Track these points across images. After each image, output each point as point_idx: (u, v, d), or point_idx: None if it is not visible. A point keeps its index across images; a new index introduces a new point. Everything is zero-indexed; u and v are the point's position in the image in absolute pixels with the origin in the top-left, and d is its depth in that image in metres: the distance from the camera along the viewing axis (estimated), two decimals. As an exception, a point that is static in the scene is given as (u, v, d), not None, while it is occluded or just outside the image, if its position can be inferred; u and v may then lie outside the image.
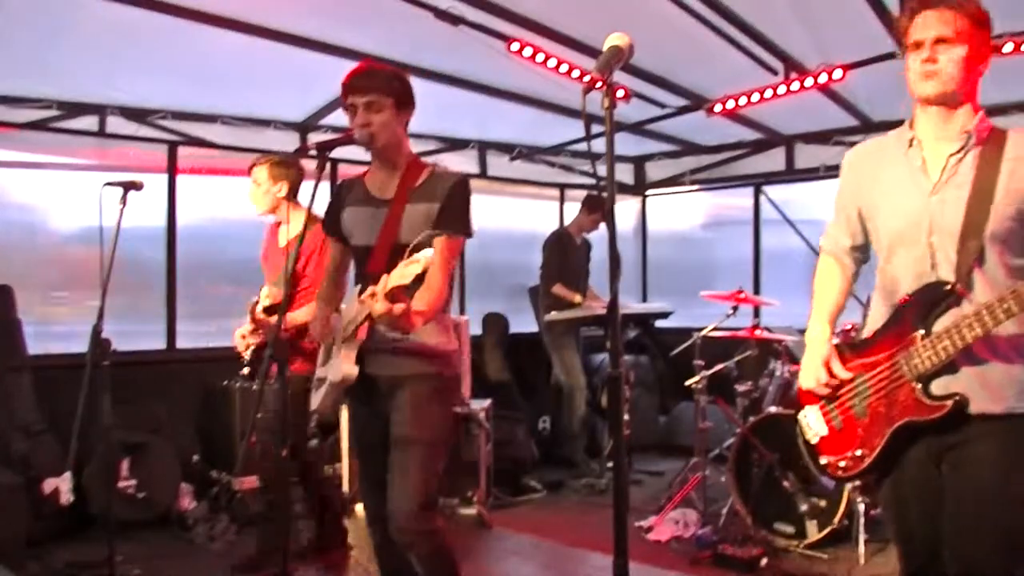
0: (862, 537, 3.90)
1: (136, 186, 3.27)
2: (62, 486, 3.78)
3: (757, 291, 6.79)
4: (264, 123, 5.72)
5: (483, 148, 6.88)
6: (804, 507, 4.00)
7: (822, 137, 6.49)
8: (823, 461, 2.19)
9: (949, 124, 2.00)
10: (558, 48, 4.58)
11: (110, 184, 3.24)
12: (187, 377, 3.76)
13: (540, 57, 4.55)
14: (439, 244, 2.49)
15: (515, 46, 4.40)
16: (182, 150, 5.34)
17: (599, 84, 1.81)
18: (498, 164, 7.00)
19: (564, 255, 5.96)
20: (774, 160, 7.01)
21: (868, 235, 2.22)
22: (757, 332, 4.85)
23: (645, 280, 8.04)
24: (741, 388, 4.89)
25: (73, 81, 4.83)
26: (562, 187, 7.44)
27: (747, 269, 7.09)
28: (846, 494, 3.93)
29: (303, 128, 5.92)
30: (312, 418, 4.97)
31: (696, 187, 7.69)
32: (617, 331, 1.85)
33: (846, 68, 4.69)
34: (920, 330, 1.98)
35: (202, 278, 5.28)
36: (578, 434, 5.86)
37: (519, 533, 4.63)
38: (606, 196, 1.84)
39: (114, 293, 3.18)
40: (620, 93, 5.11)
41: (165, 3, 3.89)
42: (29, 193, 4.98)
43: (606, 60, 1.85)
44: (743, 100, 5.31)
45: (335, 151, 2.53)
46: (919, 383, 1.97)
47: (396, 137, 2.58)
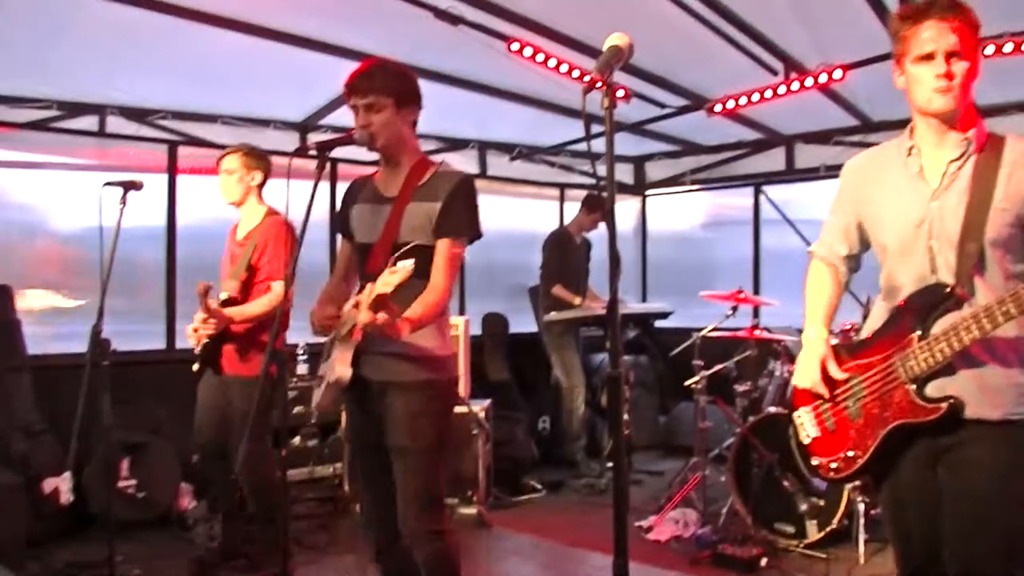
0: (862, 537, 3.90)
1: (136, 186, 3.26)
2: (62, 486, 3.79)
3: (757, 291, 6.79)
4: (264, 123, 5.72)
5: (483, 148, 6.89)
6: (804, 507, 4.00)
7: (822, 137, 6.49)
8: (815, 462, 2.20)
9: (949, 132, 2.00)
10: (558, 48, 4.59)
11: (110, 184, 3.24)
12: (187, 377, 3.74)
13: (540, 57, 4.55)
14: (441, 246, 2.47)
15: (515, 46, 4.40)
16: (182, 150, 5.35)
17: (599, 84, 1.81)
18: (498, 164, 7.01)
19: (564, 255, 5.96)
20: (774, 160, 7.01)
21: (865, 244, 2.22)
22: (757, 332, 4.86)
23: (645, 280, 8.05)
24: (741, 388, 4.90)
25: (73, 81, 4.84)
26: (562, 187, 7.44)
27: (747, 269, 7.09)
28: (846, 494, 3.93)
29: (303, 128, 5.92)
30: (314, 416, 5.00)
31: (696, 187, 7.70)
32: (617, 331, 1.84)
33: (846, 68, 4.68)
34: (917, 332, 1.97)
35: (202, 278, 5.29)
36: (578, 434, 5.86)
37: (519, 533, 4.63)
38: (606, 196, 1.83)
39: (114, 293, 3.18)
40: (620, 93, 5.11)
41: (165, 3, 3.89)
42: (29, 193, 4.98)
43: (606, 60, 1.84)
44: (743, 100, 5.31)
45: (335, 151, 2.53)
46: (914, 385, 1.97)
47: (398, 136, 2.55)
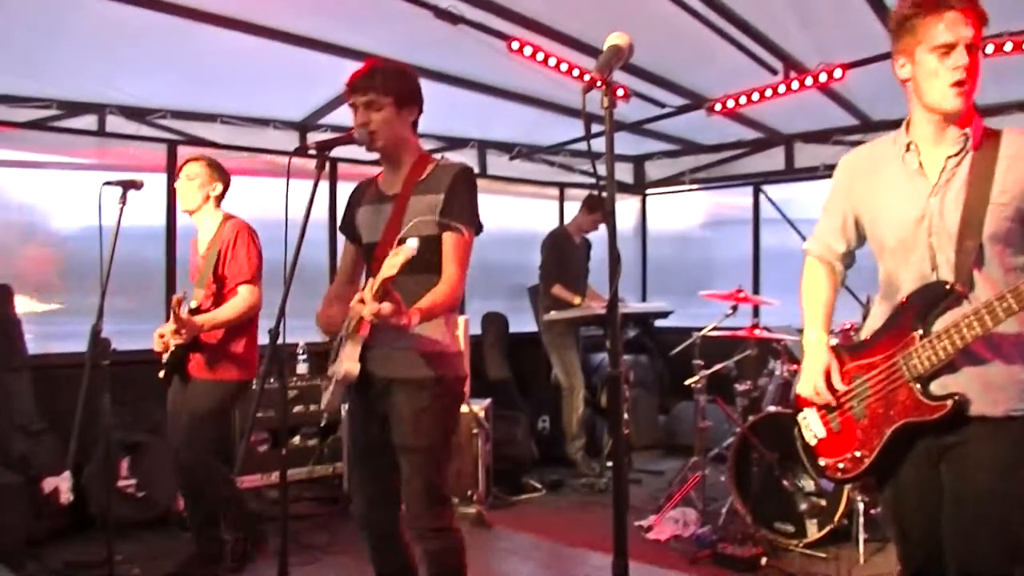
0: (862, 536, 3.90)
1: (136, 185, 3.25)
2: (62, 486, 3.79)
3: (756, 290, 6.80)
4: (264, 123, 5.72)
5: (483, 147, 6.88)
6: (804, 506, 4.01)
7: (822, 136, 6.49)
8: (822, 463, 2.19)
9: (949, 127, 1.99)
10: (558, 48, 4.58)
11: (110, 183, 3.23)
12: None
13: (540, 57, 4.55)
14: (448, 240, 2.48)
15: (515, 46, 4.40)
16: (182, 150, 5.35)
17: (599, 83, 1.81)
18: (498, 163, 7.00)
19: (563, 254, 5.96)
20: (774, 159, 7.01)
21: (862, 239, 2.22)
22: (756, 331, 4.86)
23: (645, 280, 8.05)
24: (741, 387, 4.89)
25: (73, 80, 4.83)
26: (562, 186, 7.44)
27: (746, 268, 7.09)
28: (846, 493, 3.93)
29: (303, 128, 5.92)
30: (324, 418, 5.00)
31: (696, 186, 7.69)
32: (616, 331, 1.84)
33: (846, 67, 4.69)
34: (919, 330, 1.97)
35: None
36: (578, 434, 5.86)
37: (519, 532, 4.63)
38: (606, 196, 1.84)
39: (114, 293, 3.18)
40: (620, 92, 5.11)
41: (165, 3, 3.89)
42: (29, 193, 4.98)
43: (606, 59, 1.85)
44: (743, 99, 5.31)
45: (335, 151, 2.53)
46: (918, 383, 1.97)
47: (398, 135, 2.56)
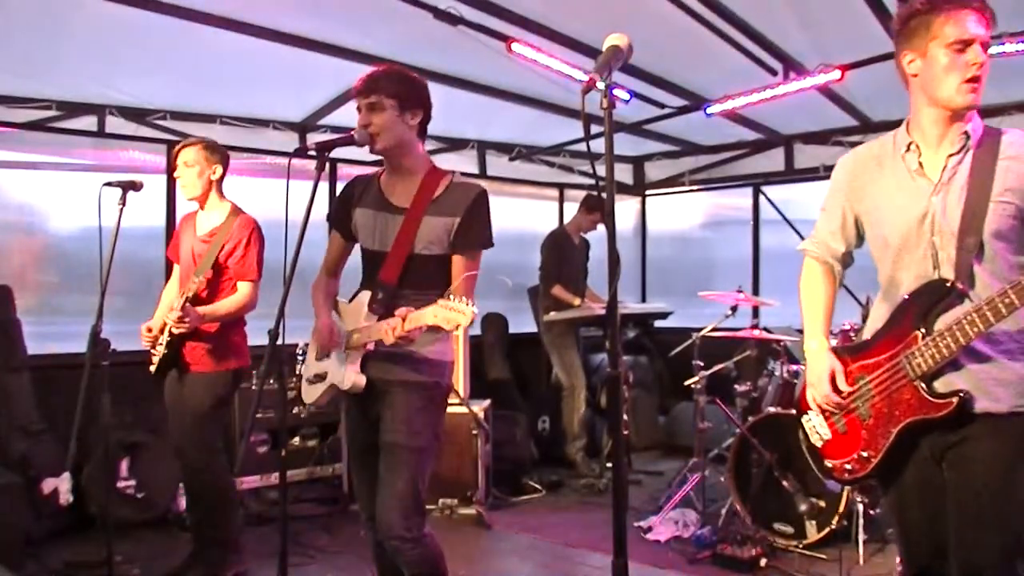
0: (861, 537, 3.90)
1: (135, 186, 3.26)
2: (61, 486, 3.78)
3: (756, 291, 6.80)
4: (264, 123, 5.72)
5: (482, 148, 6.89)
6: (803, 507, 4.00)
7: (821, 137, 6.50)
8: (828, 464, 2.19)
9: (953, 125, 1.99)
10: (558, 48, 4.58)
11: (109, 184, 3.23)
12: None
13: (540, 57, 4.55)
14: (459, 262, 2.53)
15: (515, 46, 4.40)
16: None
17: (598, 84, 1.81)
18: (497, 164, 7.01)
19: (562, 255, 5.96)
20: (773, 160, 7.02)
21: (860, 239, 2.22)
22: (756, 332, 4.86)
23: (644, 280, 8.05)
24: (740, 388, 4.90)
25: (72, 81, 4.83)
26: (561, 187, 7.44)
27: (746, 269, 7.09)
28: (845, 494, 3.93)
29: (302, 128, 5.92)
30: (304, 411, 4.97)
31: (695, 187, 7.70)
32: (616, 331, 1.84)
33: (845, 68, 4.69)
34: (921, 329, 1.97)
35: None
36: (577, 434, 5.86)
37: (518, 533, 4.62)
38: (605, 197, 1.83)
39: (114, 293, 3.17)
40: (619, 92, 5.11)
41: (165, 3, 3.89)
42: (28, 193, 4.98)
43: (605, 60, 1.85)
44: (742, 100, 5.31)
45: (335, 151, 2.54)
46: (922, 382, 1.97)
47: (400, 139, 2.55)
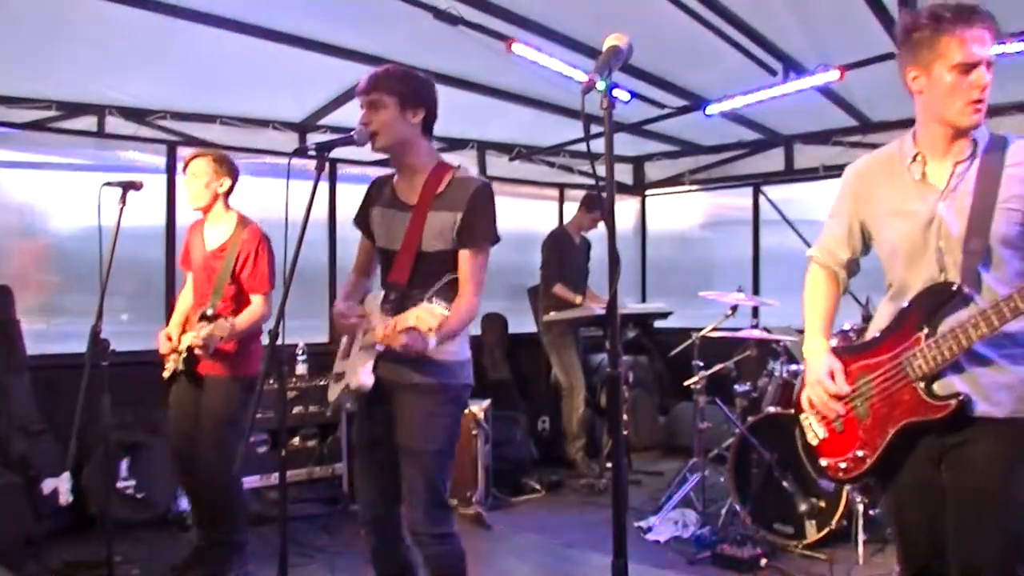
0: (861, 537, 3.90)
1: (135, 186, 3.25)
2: (61, 486, 3.78)
3: (756, 291, 6.80)
4: (263, 123, 5.72)
5: (482, 148, 6.88)
6: (803, 507, 4.00)
7: (821, 137, 6.49)
8: (823, 463, 2.19)
9: (959, 138, 1.99)
10: (558, 48, 4.58)
11: (109, 184, 3.23)
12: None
13: (540, 57, 4.55)
14: (465, 257, 2.51)
15: (515, 46, 4.40)
16: (181, 150, 5.34)
17: (598, 84, 1.81)
18: (497, 164, 7.00)
19: (563, 255, 5.96)
20: (773, 160, 7.02)
21: (867, 247, 2.22)
22: (756, 332, 4.85)
23: (644, 280, 8.05)
24: (740, 388, 4.90)
25: (72, 82, 4.83)
26: (561, 187, 7.44)
27: (746, 269, 7.09)
28: (845, 494, 3.93)
29: (302, 128, 5.92)
30: (329, 410, 4.96)
31: (695, 187, 7.70)
32: (616, 331, 1.84)
33: (845, 68, 4.69)
34: (924, 330, 1.97)
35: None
36: (577, 434, 5.86)
37: (518, 533, 4.63)
38: (605, 197, 1.83)
39: (114, 293, 3.17)
40: (619, 92, 5.11)
41: (165, 3, 3.89)
42: (28, 193, 4.98)
43: (605, 60, 1.85)
44: (742, 100, 5.31)
45: (335, 151, 2.53)
46: (922, 383, 1.97)
47: (400, 137, 2.55)
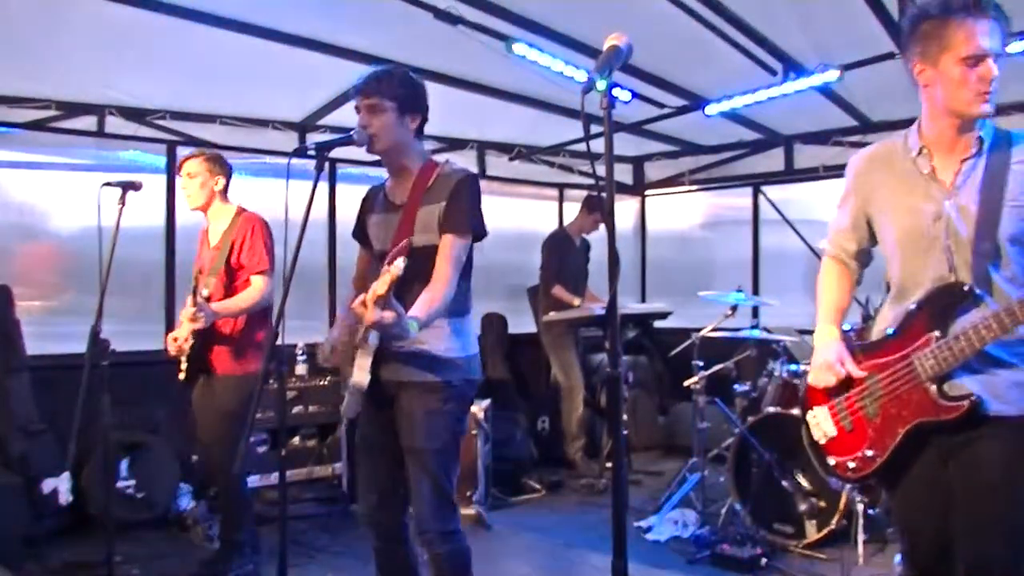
0: (861, 537, 3.89)
1: (135, 186, 3.26)
2: (61, 486, 3.78)
3: (756, 291, 6.80)
4: (263, 123, 5.72)
5: (482, 148, 6.88)
6: (803, 507, 4.00)
7: (821, 137, 6.49)
8: (831, 462, 2.18)
9: (965, 133, 1.99)
10: (558, 48, 4.59)
11: (109, 184, 3.23)
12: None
13: (540, 57, 4.55)
14: (444, 241, 2.49)
15: (515, 46, 4.40)
16: (181, 150, 5.34)
17: (598, 84, 1.81)
18: (497, 164, 7.00)
19: (563, 255, 5.96)
20: (773, 160, 7.01)
21: (875, 238, 2.22)
22: (756, 332, 4.85)
23: (644, 280, 8.04)
24: (740, 388, 4.90)
25: (72, 81, 4.83)
26: (561, 187, 7.44)
27: (746, 269, 7.08)
28: (845, 494, 3.93)
29: (302, 128, 5.92)
30: (344, 419, 4.92)
31: (695, 187, 7.69)
32: (616, 331, 1.84)
33: (844, 69, 4.69)
34: (936, 331, 1.97)
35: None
36: (577, 434, 5.86)
37: (518, 533, 4.63)
38: (605, 196, 1.83)
39: (113, 293, 3.17)
40: (619, 92, 5.11)
41: (165, 3, 3.89)
42: (29, 193, 4.98)
43: (605, 60, 1.85)
44: (742, 100, 5.31)
45: (335, 151, 2.53)
46: (934, 384, 1.97)
47: (398, 141, 2.56)
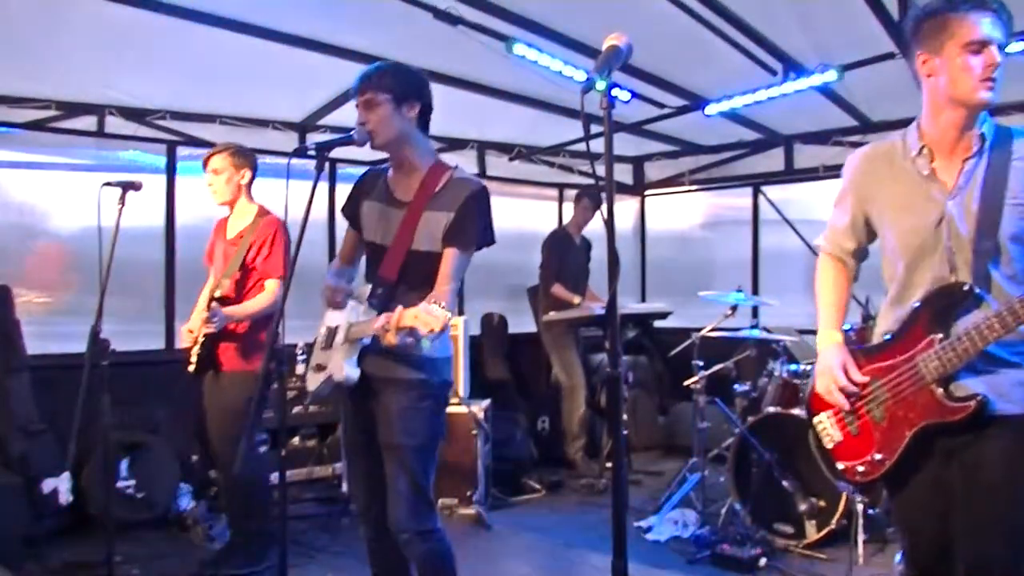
0: (861, 537, 3.89)
1: (135, 186, 3.25)
2: (61, 486, 3.78)
3: (756, 291, 6.79)
4: (263, 123, 5.71)
5: (482, 148, 6.88)
6: (803, 507, 4.00)
7: (821, 137, 6.49)
8: (840, 466, 2.17)
9: (967, 130, 1.98)
10: (558, 48, 4.59)
11: (109, 184, 3.23)
12: (186, 377, 3.74)
13: (540, 57, 4.55)
14: (447, 255, 2.50)
15: (515, 46, 4.40)
16: (181, 150, 5.35)
17: (598, 84, 1.81)
18: (497, 164, 6.99)
19: (563, 255, 5.96)
20: (773, 160, 7.01)
21: (872, 236, 2.22)
22: (756, 332, 4.85)
23: (644, 280, 8.04)
24: (740, 388, 4.90)
25: (72, 81, 4.83)
26: (561, 187, 7.44)
27: (746, 269, 7.08)
28: (844, 494, 3.93)
29: (302, 128, 5.92)
30: (308, 400, 4.93)
31: (695, 187, 7.69)
32: (616, 331, 1.84)
33: (844, 69, 4.68)
34: (939, 332, 1.97)
35: (201, 278, 5.33)
36: (577, 434, 5.86)
37: (518, 533, 4.62)
38: (604, 196, 1.83)
39: (113, 293, 3.17)
40: (619, 92, 5.11)
41: (165, 3, 3.89)
42: (29, 193, 4.98)
43: (605, 60, 1.85)
44: (742, 100, 5.31)
45: (335, 151, 2.53)
46: (939, 385, 1.96)
47: (397, 132, 2.54)
